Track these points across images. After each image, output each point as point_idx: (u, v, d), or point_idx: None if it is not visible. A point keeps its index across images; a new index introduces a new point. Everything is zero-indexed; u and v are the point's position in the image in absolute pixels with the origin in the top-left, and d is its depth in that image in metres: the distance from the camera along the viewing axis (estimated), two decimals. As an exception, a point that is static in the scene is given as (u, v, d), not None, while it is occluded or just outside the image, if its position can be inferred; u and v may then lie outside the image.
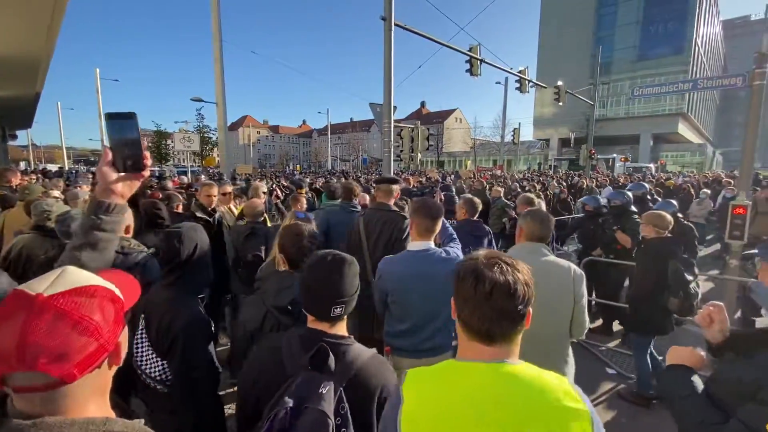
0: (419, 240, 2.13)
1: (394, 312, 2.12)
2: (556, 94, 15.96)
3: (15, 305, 0.60)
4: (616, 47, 44.66)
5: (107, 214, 0.99)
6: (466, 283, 0.89)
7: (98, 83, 23.07)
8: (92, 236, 0.98)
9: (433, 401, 0.84)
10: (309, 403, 0.97)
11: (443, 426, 0.81)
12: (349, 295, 1.18)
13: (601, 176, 18.40)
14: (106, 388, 0.71)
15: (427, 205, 2.14)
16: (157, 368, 1.58)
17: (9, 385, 0.60)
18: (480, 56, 11.28)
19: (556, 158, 42.38)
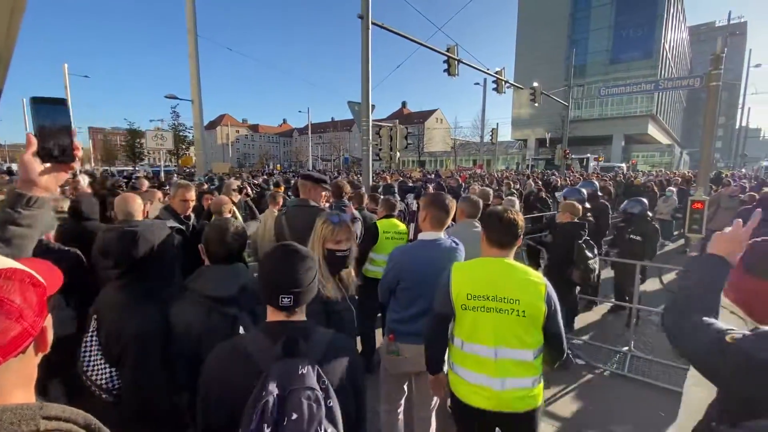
0: (431, 230, 2.26)
1: (403, 298, 2.25)
2: (532, 95, 16.33)
3: None
4: (590, 50, 46.17)
5: (26, 207, 0.92)
6: (493, 218, 1.80)
7: (67, 79, 22.09)
8: (7, 231, 0.90)
9: (469, 273, 1.80)
10: (294, 385, 1.00)
11: (474, 284, 1.75)
12: (300, 286, 1.18)
13: (575, 175, 18.95)
14: (33, 377, 0.68)
15: (441, 199, 2.27)
16: (105, 376, 1.49)
17: None
18: (457, 57, 11.43)
19: (534, 158, 43.39)
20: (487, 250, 1.84)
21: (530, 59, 47.25)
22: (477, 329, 1.72)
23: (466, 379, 1.75)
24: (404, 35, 9.68)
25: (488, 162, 38.55)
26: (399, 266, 2.24)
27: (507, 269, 1.75)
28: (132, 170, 25.50)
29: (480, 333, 1.71)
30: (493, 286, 1.71)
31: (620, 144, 45.28)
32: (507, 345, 1.68)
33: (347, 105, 9.80)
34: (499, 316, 1.68)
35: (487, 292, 1.70)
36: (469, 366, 1.75)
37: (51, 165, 0.92)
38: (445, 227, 2.29)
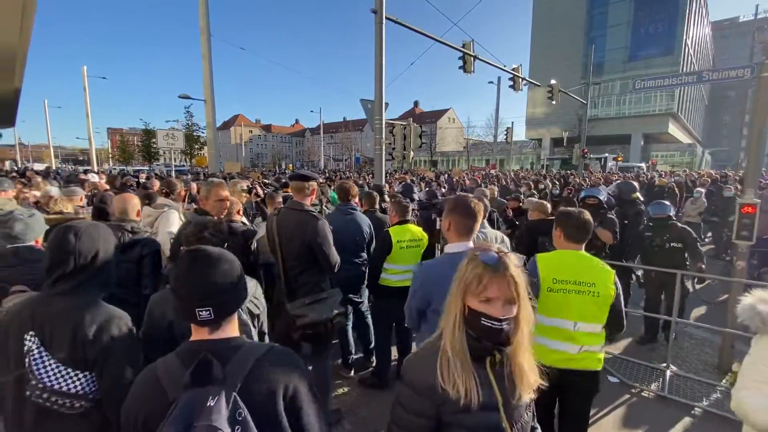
0: (458, 240, 1.97)
1: (436, 323, 1.89)
2: (550, 92, 15.84)
3: None
4: (608, 48, 44.96)
5: None
6: (573, 218, 2.20)
7: (85, 81, 22.56)
8: None
9: (553, 263, 2.17)
10: (197, 421, 0.87)
11: (559, 271, 2.12)
12: (217, 294, 1.02)
13: (594, 175, 18.35)
14: None
15: (466, 203, 1.96)
16: (78, 382, 1.36)
17: None
18: (473, 53, 11.09)
19: (549, 158, 42.52)
20: (564, 244, 2.25)
21: (545, 57, 46.29)
22: (560, 307, 2.12)
23: (544, 345, 2.13)
24: (419, 30, 9.39)
25: (501, 162, 37.94)
26: (426, 286, 1.93)
27: (583, 259, 2.19)
28: (148, 170, 25.80)
29: (563, 310, 2.12)
30: (574, 273, 2.12)
31: (639, 143, 43.99)
32: (584, 320, 2.11)
33: (360, 103, 9.57)
34: (579, 296, 2.10)
35: (570, 278, 2.12)
36: (549, 335, 2.15)
37: None
38: (474, 235, 1.99)
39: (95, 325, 1.35)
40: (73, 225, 1.47)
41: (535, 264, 2.20)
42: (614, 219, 4.33)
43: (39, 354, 1.34)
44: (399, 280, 3.45)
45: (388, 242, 3.35)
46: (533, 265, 2.20)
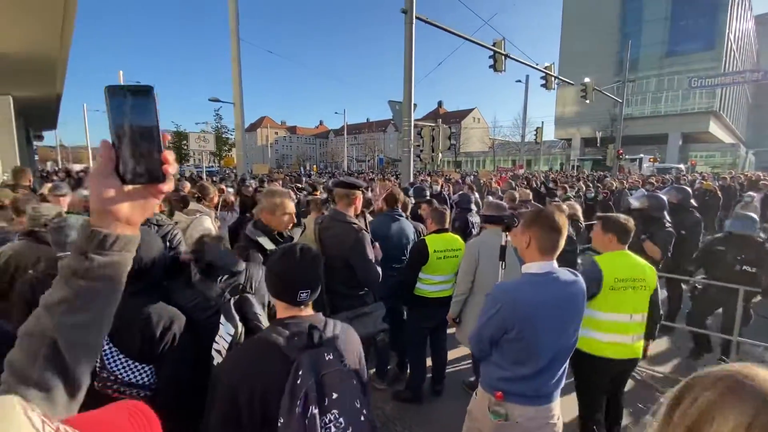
0: (541, 259, 1.72)
1: (510, 351, 1.72)
2: (583, 91, 15.23)
3: None
4: (643, 43, 43.00)
5: (103, 251, 0.60)
6: (625, 224, 2.46)
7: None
8: (73, 287, 0.59)
9: (613, 263, 2.39)
10: (325, 370, 1.13)
11: (619, 271, 2.36)
12: (314, 282, 1.30)
13: (632, 177, 17.50)
14: None
15: (550, 216, 1.70)
16: (144, 374, 1.52)
17: None
18: (504, 51, 10.76)
19: (579, 158, 41.09)
20: (614, 245, 2.48)
21: (576, 54, 44.72)
22: (620, 303, 2.35)
23: (600, 339, 2.37)
24: (449, 30, 9.17)
25: (528, 162, 36.97)
26: (508, 312, 1.69)
27: (631, 258, 2.45)
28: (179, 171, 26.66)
29: (622, 305, 2.36)
30: (630, 271, 2.37)
31: (677, 143, 41.83)
32: (637, 312, 2.38)
33: (387, 104, 9.43)
34: (635, 292, 2.36)
35: (628, 276, 2.36)
36: (606, 329, 2.37)
37: (134, 188, 0.61)
38: (558, 252, 1.72)
39: (161, 324, 1.51)
40: None
41: (596, 265, 2.39)
42: (670, 232, 3.89)
43: (109, 349, 1.50)
44: (436, 291, 3.28)
45: (424, 252, 3.18)
46: (594, 267, 2.39)
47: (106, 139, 0.59)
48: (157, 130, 0.60)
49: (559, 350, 1.73)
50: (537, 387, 1.72)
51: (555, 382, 1.76)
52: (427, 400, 3.45)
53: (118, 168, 0.59)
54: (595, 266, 2.38)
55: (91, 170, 0.60)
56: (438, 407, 3.40)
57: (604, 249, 2.52)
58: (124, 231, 0.62)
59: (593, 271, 2.37)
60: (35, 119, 18.88)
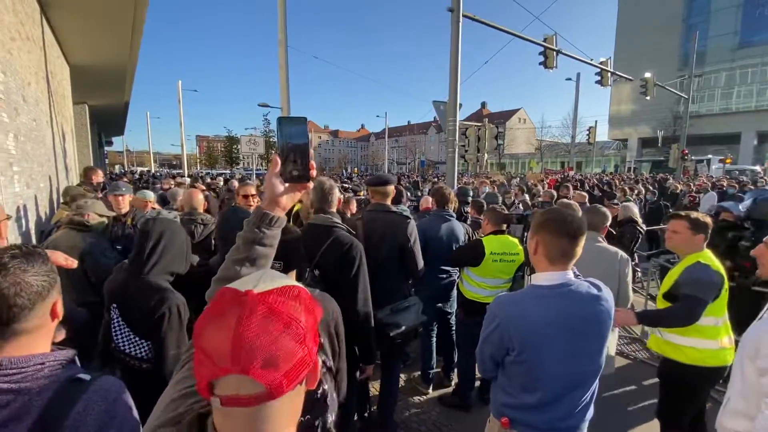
0: (552, 269, 1.45)
1: (516, 375, 1.49)
2: (643, 87, 14.16)
3: (226, 302, 0.56)
4: (711, 35, 39.34)
5: (270, 227, 0.94)
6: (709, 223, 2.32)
7: (180, 94, 25.20)
8: (253, 251, 0.93)
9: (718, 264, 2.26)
10: None
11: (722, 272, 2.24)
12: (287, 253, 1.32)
13: (701, 179, 16.01)
14: (297, 416, 0.61)
15: (562, 217, 1.43)
16: (143, 348, 1.72)
17: (217, 394, 0.53)
18: (556, 47, 10.25)
19: (636, 160, 38.35)
20: (701, 246, 2.31)
21: (633, 48, 41.77)
22: (724, 304, 2.26)
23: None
24: (498, 27, 8.90)
25: (578, 164, 35.09)
26: (505, 329, 1.45)
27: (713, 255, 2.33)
28: (230, 173, 28.09)
29: (724, 307, 2.27)
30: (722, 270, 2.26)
31: (751, 143, 37.70)
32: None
33: (432, 105, 9.32)
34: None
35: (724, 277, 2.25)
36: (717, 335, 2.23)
37: (290, 185, 0.92)
38: (573, 261, 1.46)
39: (153, 302, 1.68)
40: (150, 218, 1.86)
41: (710, 269, 2.21)
42: None
43: (118, 323, 1.74)
44: (490, 296, 3.14)
45: (479, 252, 3.05)
46: (708, 270, 2.21)
47: (275, 153, 0.90)
48: (307, 146, 0.89)
49: (576, 377, 1.45)
50: (549, 420, 1.44)
51: (578, 414, 1.47)
52: (475, 408, 3.31)
53: (283, 173, 0.89)
54: (710, 269, 2.20)
55: (267, 174, 0.94)
56: (486, 416, 3.23)
57: (688, 250, 2.34)
58: (280, 213, 0.95)
59: (711, 274, 2.19)
60: (106, 125, 20.74)
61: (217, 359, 0.51)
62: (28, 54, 4.46)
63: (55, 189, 5.62)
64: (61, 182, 6.20)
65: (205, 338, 0.54)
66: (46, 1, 5.49)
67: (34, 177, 4.24)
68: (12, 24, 3.75)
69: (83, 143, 12.57)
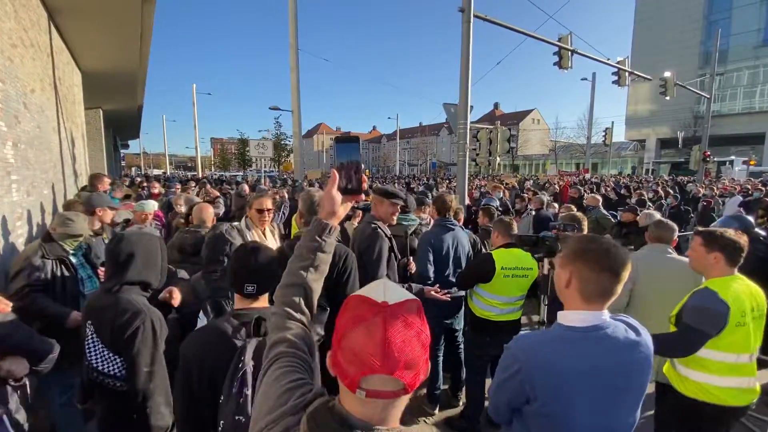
0: (586, 308, 1.22)
1: (539, 428, 1.27)
2: (662, 86, 13.67)
3: (366, 310, 0.66)
4: (733, 32, 38.03)
5: (330, 236, 1.02)
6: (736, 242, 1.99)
7: (194, 97, 25.54)
8: (316, 258, 1.01)
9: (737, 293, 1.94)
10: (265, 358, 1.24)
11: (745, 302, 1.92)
12: (263, 278, 1.42)
13: (723, 182, 15.38)
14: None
15: (605, 248, 1.19)
16: (116, 365, 1.70)
17: (364, 388, 0.63)
18: (571, 47, 9.93)
19: (654, 161, 37.32)
20: (726, 269, 2.03)
21: (652, 47, 40.69)
22: (747, 340, 1.94)
23: (726, 386, 1.97)
24: (510, 26, 8.65)
25: (594, 166, 34.32)
26: (529, 377, 1.21)
27: (748, 283, 2.02)
28: (242, 175, 28.35)
29: (747, 342, 1.95)
30: (751, 300, 1.97)
31: (776, 143, 36.41)
32: (757, 345, 1.99)
33: (442, 107, 9.11)
34: (757, 322, 1.97)
35: (752, 306, 1.96)
36: (730, 373, 1.96)
37: (344, 197, 1.01)
38: (613, 299, 1.22)
39: (125, 317, 1.65)
40: (119, 234, 1.81)
41: (717, 296, 1.92)
42: None
43: (92, 339, 1.71)
44: (502, 314, 2.94)
45: (490, 267, 2.84)
46: (714, 297, 1.92)
47: (334, 168, 1.00)
48: (359, 162, 1.01)
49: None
50: None
51: None
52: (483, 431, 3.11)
53: (339, 185, 0.98)
54: (715, 296, 1.91)
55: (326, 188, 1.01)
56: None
57: (706, 271, 2.09)
58: (336, 222, 1.03)
59: (715, 302, 1.90)
60: (121, 129, 21.09)
61: (368, 360, 0.62)
62: (32, 61, 4.44)
63: (62, 195, 5.62)
64: (70, 188, 6.22)
65: (352, 340, 0.65)
66: (53, 8, 5.50)
67: (36, 185, 4.20)
68: (13, 30, 3.71)
69: (97, 147, 12.74)
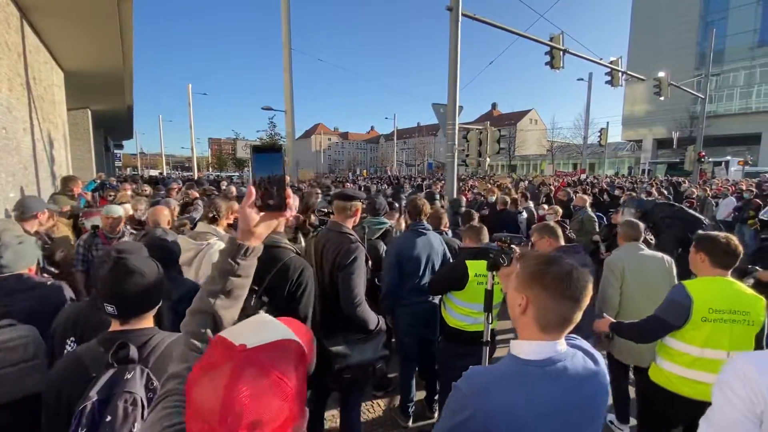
0: (541, 337, 1.08)
1: None
2: (657, 87, 13.59)
3: (219, 355, 0.59)
4: (729, 33, 38.09)
5: (245, 258, 0.90)
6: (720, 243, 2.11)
7: (190, 97, 25.35)
8: (228, 283, 0.89)
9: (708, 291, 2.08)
10: (116, 390, 1.08)
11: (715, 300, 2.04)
12: (123, 299, 1.23)
13: (717, 183, 15.31)
14: None
15: (566, 271, 1.05)
16: None
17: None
18: (563, 46, 9.82)
19: (651, 161, 37.30)
20: (710, 270, 2.15)
21: (648, 47, 40.68)
22: (714, 337, 2.03)
23: (695, 379, 2.07)
24: (499, 25, 8.53)
25: (591, 166, 34.27)
26: (481, 424, 1.02)
27: (733, 286, 2.08)
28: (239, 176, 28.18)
29: (717, 340, 2.03)
30: (728, 301, 2.04)
31: (772, 143, 36.42)
32: (738, 349, 2.02)
33: (432, 107, 8.99)
34: (734, 326, 2.02)
35: (725, 307, 2.03)
36: (700, 367, 2.06)
37: (265, 214, 0.90)
38: (570, 327, 1.09)
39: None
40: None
41: (685, 291, 2.11)
42: None
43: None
44: (476, 324, 2.80)
45: (462, 273, 2.71)
46: (682, 293, 2.11)
47: (252, 182, 0.88)
48: (282, 176, 0.88)
49: None
50: None
51: None
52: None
53: (257, 201, 0.88)
54: (683, 290, 2.11)
55: (240, 204, 0.90)
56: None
57: (696, 271, 2.25)
58: (256, 243, 0.91)
59: (680, 295, 2.11)
60: (113, 130, 20.92)
61: (207, 417, 0.54)
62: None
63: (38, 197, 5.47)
64: (47, 191, 6.06)
65: (196, 391, 0.57)
66: (26, 6, 5.35)
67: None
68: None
69: (85, 148, 12.59)
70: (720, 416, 1.17)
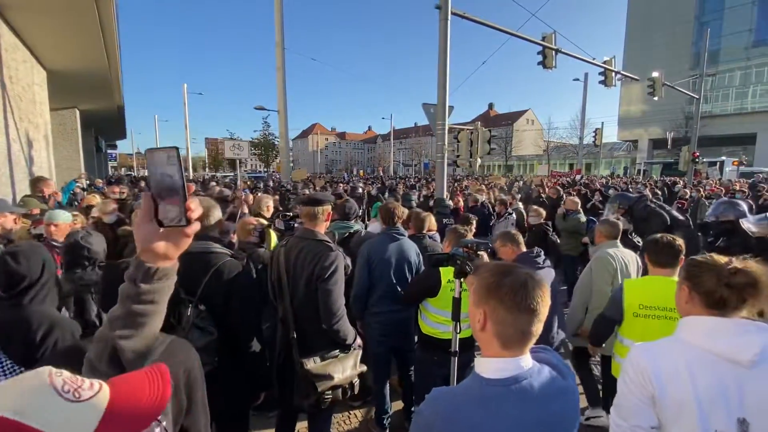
0: (504, 354, 1.02)
1: None
2: (651, 87, 13.52)
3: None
4: (724, 33, 38.18)
5: (149, 281, 0.77)
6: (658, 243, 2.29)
7: (186, 97, 25.18)
8: (131, 309, 0.77)
9: (641, 289, 2.29)
10: None
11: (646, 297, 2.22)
12: None
13: (710, 183, 15.27)
14: None
15: (521, 282, 0.99)
16: None
17: None
18: (555, 46, 9.73)
19: (646, 162, 37.33)
20: (653, 269, 2.31)
21: (644, 47, 40.75)
22: (647, 333, 2.12)
23: None
24: (490, 24, 8.43)
25: (587, 166, 34.27)
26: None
27: (673, 285, 1.88)
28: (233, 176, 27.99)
29: (650, 335, 1.92)
30: (662, 299, 2.15)
31: None
32: None
33: (422, 107, 8.88)
34: (667, 322, 2.13)
35: (657, 303, 2.18)
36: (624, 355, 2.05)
37: (165, 231, 0.75)
38: (532, 342, 1.04)
39: (41, 330, 1.58)
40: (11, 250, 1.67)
41: (621, 288, 2.35)
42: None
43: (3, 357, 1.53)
44: (449, 332, 2.69)
45: (435, 280, 2.60)
46: (619, 290, 2.35)
47: (148, 192, 0.75)
48: (181, 183, 0.73)
49: None
50: None
51: None
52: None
53: (158, 215, 0.74)
54: (620, 288, 2.37)
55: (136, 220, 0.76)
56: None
57: (649, 272, 2.38)
58: (163, 264, 0.78)
59: (617, 290, 2.39)
60: (104, 130, 20.71)
61: None
62: (-34, 58, 4.16)
63: (11, 199, 5.33)
64: (21, 193, 5.91)
65: None
66: (2, 3, 5.21)
67: (-35, 189, 3.91)
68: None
69: (73, 148, 12.41)
70: (624, 402, 1.29)
